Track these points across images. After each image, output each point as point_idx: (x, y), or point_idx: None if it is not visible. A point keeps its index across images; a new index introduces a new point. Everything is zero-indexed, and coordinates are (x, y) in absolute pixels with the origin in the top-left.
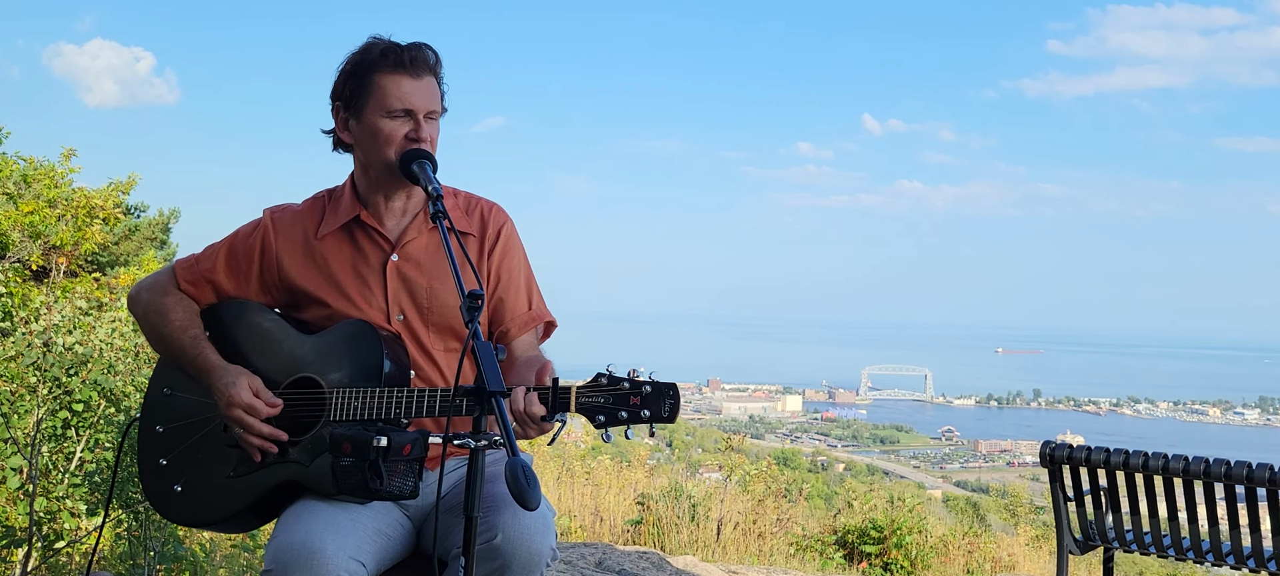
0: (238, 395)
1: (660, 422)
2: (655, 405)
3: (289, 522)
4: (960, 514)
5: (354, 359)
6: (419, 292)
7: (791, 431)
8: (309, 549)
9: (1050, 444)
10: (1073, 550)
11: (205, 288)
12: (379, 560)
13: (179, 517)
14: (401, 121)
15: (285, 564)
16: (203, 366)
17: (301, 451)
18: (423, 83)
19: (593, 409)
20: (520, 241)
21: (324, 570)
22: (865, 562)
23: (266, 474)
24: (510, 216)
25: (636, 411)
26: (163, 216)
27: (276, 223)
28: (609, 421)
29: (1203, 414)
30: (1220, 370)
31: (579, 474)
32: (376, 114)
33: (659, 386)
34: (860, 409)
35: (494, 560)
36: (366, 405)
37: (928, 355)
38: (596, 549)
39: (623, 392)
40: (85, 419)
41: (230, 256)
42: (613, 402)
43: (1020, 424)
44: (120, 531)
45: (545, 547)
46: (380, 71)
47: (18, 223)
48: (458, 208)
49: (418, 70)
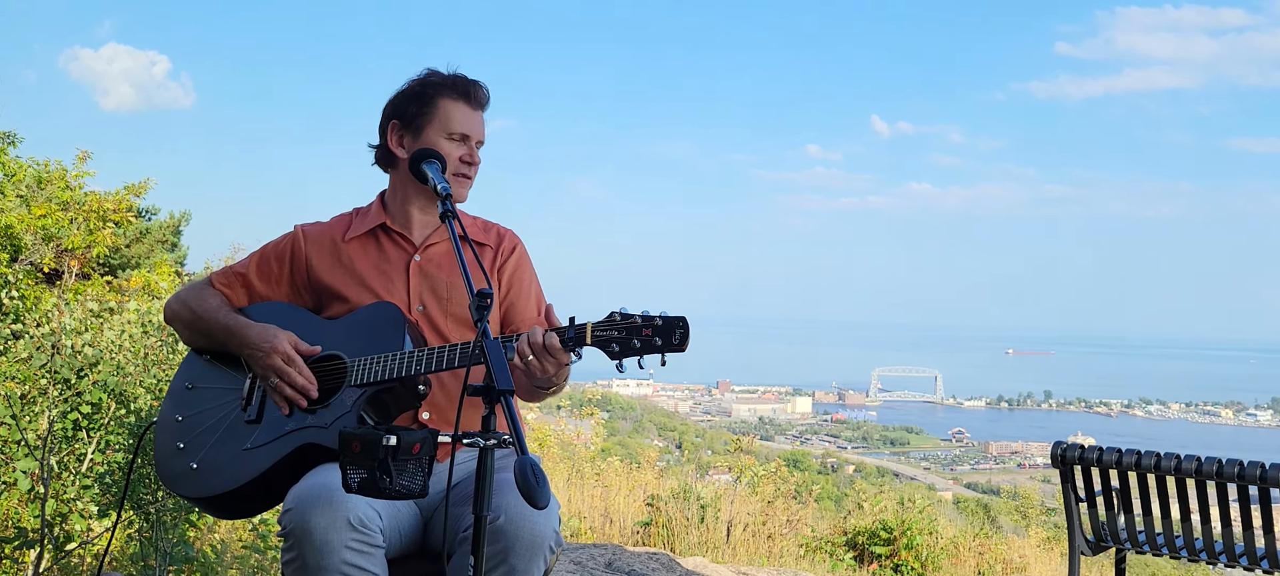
0: (279, 344)
1: (672, 351)
2: (667, 335)
3: (309, 475)
4: (971, 515)
5: (377, 334)
6: (440, 286)
7: (801, 433)
8: (328, 488)
9: (1061, 444)
10: (1084, 551)
11: (238, 288)
12: (391, 523)
13: (193, 492)
14: (458, 144)
15: (304, 502)
16: (239, 331)
17: (320, 415)
18: (478, 114)
19: (607, 341)
20: (531, 262)
21: (341, 507)
22: (875, 564)
23: (284, 440)
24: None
25: (649, 341)
26: (174, 219)
27: (307, 233)
28: (623, 352)
29: (1215, 415)
30: (1233, 371)
31: (588, 475)
32: (437, 134)
33: (670, 319)
34: (870, 410)
35: (496, 542)
36: (387, 367)
37: (938, 356)
38: (606, 550)
39: (635, 326)
40: (96, 420)
41: (262, 261)
42: (626, 334)
43: (1031, 425)
44: (131, 532)
45: (548, 531)
46: (445, 96)
47: (30, 226)
48: (476, 226)
49: (477, 102)
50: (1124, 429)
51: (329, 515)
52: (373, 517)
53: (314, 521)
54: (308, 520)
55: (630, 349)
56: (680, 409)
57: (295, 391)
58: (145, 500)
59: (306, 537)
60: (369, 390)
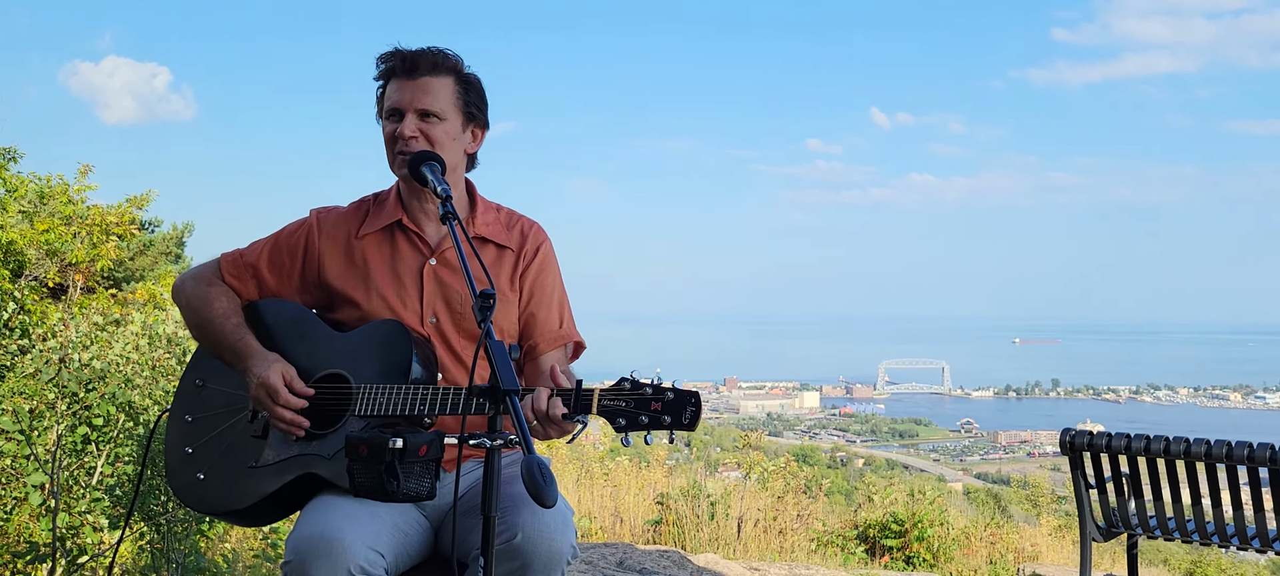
0: (267, 376)
1: (681, 430)
2: (676, 412)
3: (308, 516)
4: (981, 506)
5: (383, 357)
6: (454, 298)
7: (810, 428)
8: (327, 538)
9: (1070, 431)
10: (1096, 538)
11: (248, 280)
12: (397, 555)
13: (200, 505)
14: (392, 123)
15: (304, 554)
16: (242, 350)
17: (324, 444)
18: (416, 82)
19: (614, 412)
20: (556, 262)
21: (342, 557)
22: (887, 557)
23: (287, 465)
24: (549, 237)
25: (658, 417)
26: (177, 230)
27: (321, 222)
28: (629, 426)
29: (1223, 399)
30: (1240, 354)
31: (598, 475)
32: (382, 121)
33: (681, 394)
34: (878, 403)
35: (514, 559)
36: (392, 401)
37: (944, 348)
38: (617, 549)
39: (644, 398)
40: (105, 433)
41: (274, 252)
42: (634, 407)
43: (1039, 414)
44: (142, 543)
45: (565, 545)
46: (384, 80)
47: (34, 241)
48: (499, 222)
49: (409, 70)
50: (1133, 415)
51: (330, 566)
52: (376, 561)
53: (315, 574)
54: (309, 573)
55: (637, 424)
56: None
57: (286, 426)
58: (155, 511)
59: None
60: (372, 421)
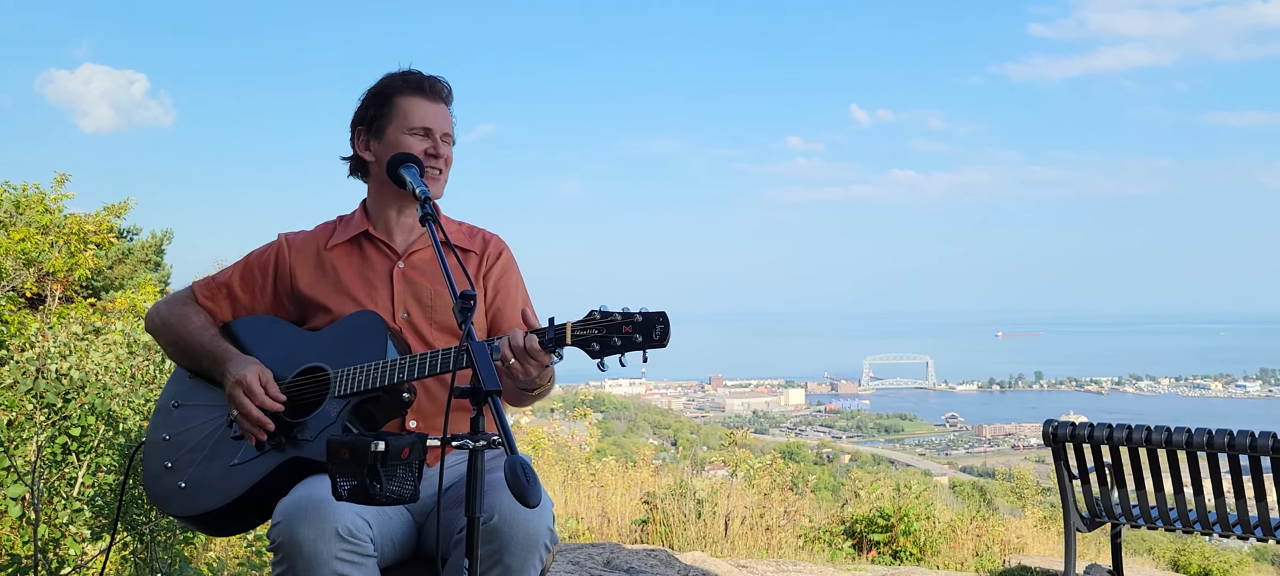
0: (244, 375)
1: (653, 347)
2: (647, 331)
3: (298, 487)
4: (967, 499)
5: (360, 343)
6: (423, 293)
7: (795, 425)
8: (315, 501)
9: (1052, 422)
10: (1080, 527)
11: (223, 300)
12: (381, 532)
13: (182, 511)
14: (420, 138)
15: (292, 515)
16: (220, 355)
17: (305, 428)
18: (439, 107)
19: (587, 340)
20: (517, 267)
21: (330, 519)
22: (874, 551)
23: (270, 457)
24: (509, 245)
25: (630, 338)
26: (155, 238)
27: (290, 242)
28: (604, 350)
29: (1205, 388)
30: (1221, 344)
31: (584, 476)
32: (398, 132)
33: (650, 315)
34: (863, 399)
35: (491, 542)
36: (370, 377)
37: (928, 342)
38: (604, 549)
39: (615, 324)
40: (85, 443)
41: (246, 271)
42: (606, 332)
43: (1023, 406)
44: (126, 554)
45: (542, 528)
46: (402, 94)
47: (10, 250)
48: (461, 232)
49: (435, 95)
50: (1115, 406)
51: (317, 527)
52: (362, 527)
53: (302, 534)
54: (296, 533)
55: (610, 347)
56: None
57: (251, 424)
58: (139, 521)
59: (296, 551)
60: (352, 400)
